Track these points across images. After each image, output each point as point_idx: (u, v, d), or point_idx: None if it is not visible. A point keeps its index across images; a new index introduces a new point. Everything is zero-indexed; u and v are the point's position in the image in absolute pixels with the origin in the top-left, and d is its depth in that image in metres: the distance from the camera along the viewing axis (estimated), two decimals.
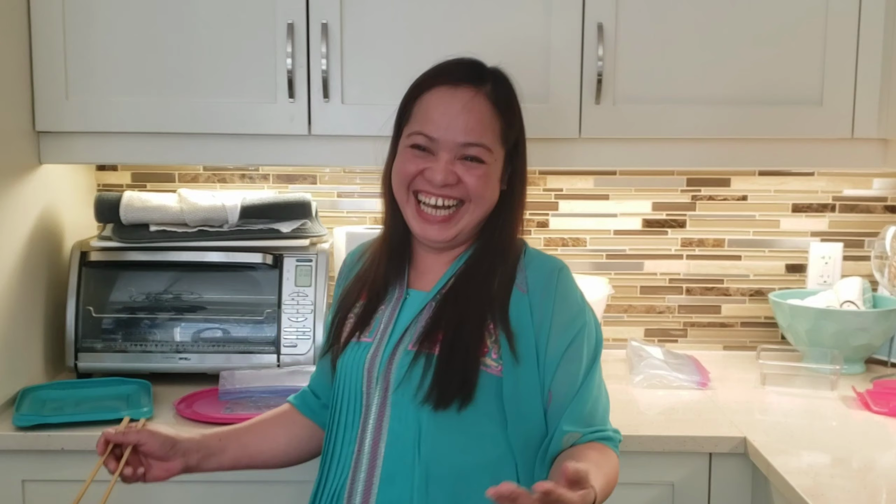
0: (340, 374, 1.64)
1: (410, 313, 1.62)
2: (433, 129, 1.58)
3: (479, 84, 1.61)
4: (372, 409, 1.58)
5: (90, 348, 2.37)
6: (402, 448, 1.55)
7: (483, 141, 1.58)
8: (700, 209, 2.72)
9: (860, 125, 2.27)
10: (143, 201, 2.41)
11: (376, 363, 1.59)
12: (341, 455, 1.61)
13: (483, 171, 1.59)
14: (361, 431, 1.58)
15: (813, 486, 1.73)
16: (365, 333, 1.64)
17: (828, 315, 2.43)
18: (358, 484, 1.56)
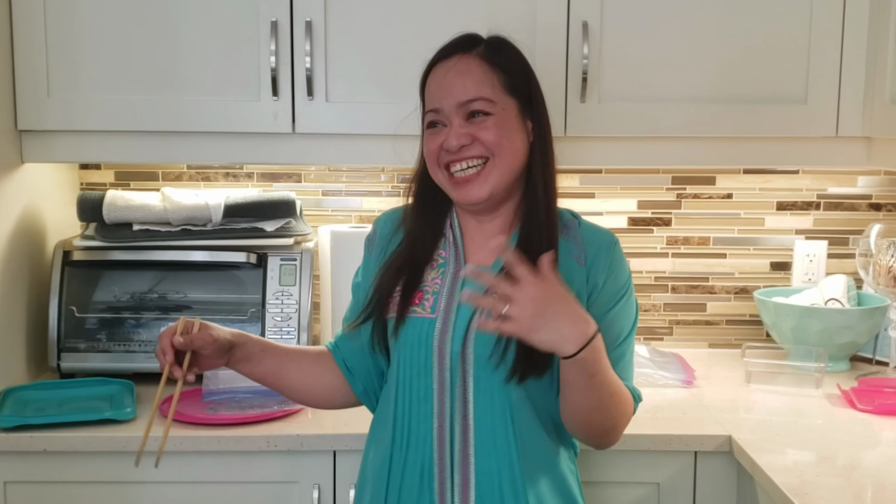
0: (403, 349, 1.65)
1: (474, 287, 1.61)
2: (436, 101, 1.65)
3: (468, 49, 1.67)
4: (449, 385, 1.61)
5: (73, 348, 2.36)
6: (493, 421, 1.60)
7: (481, 94, 1.62)
8: (685, 207, 2.73)
9: (844, 123, 2.27)
10: (126, 200, 2.40)
11: (447, 340, 1.61)
12: (420, 430, 1.62)
13: (492, 121, 1.62)
14: (440, 406, 1.61)
15: (798, 484, 1.74)
16: (422, 307, 1.65)
17: (812, 313, 2.44)
18: (451, 458, 1.60)
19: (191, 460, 2.03)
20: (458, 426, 1.60)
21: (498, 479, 1.59)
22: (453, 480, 1.60)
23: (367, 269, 1.77)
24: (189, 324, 1.64)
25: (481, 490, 1.59)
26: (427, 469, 1.61)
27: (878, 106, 2.20)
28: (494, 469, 1.59)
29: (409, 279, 1.67)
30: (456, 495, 1.59)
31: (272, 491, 2.06)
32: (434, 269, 1.68)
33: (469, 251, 1.70)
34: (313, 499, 2.04)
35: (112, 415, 2.07)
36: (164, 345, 1.61)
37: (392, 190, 2.70)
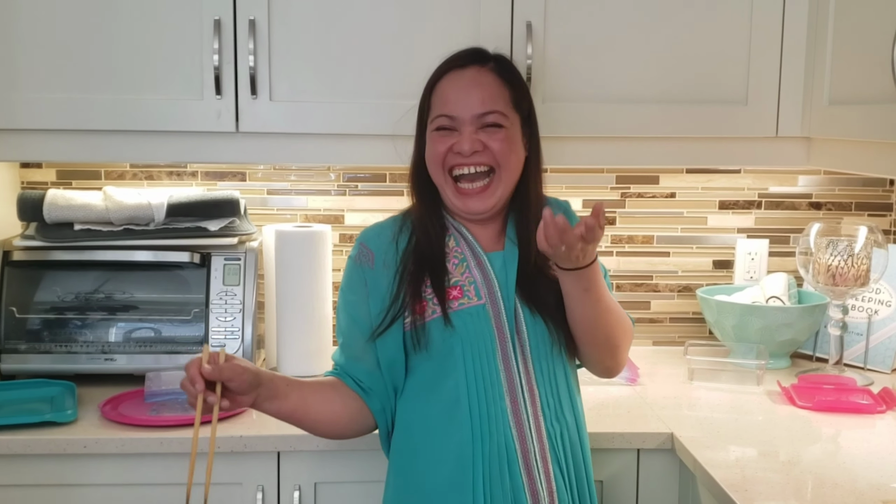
0: (465, 338, 1.73)
1: (504, 273, 1.79)
2: (452, 108, 1.76)
3: (483, 63, 1.80)
4: (513, 360, 1.74)
5: (14, 349, 2.33)
6: (551, 385, 1.76)
7: (497, 107, 1.76)
8: (629, 206, 2.75)
9: (784, 124, 2.30)
10: (67, 200, 2.37)
11: (503, 322, 1.75)
12: (496, 412, 1.71)
13: (504, 134, 1.76)
14: (509, 384, 1.73)
15: (739, 480, 1.76)
16: (467, 298, 1.76)
17: (753, 311, 2.47)
18: (528, 428, 1.72)
19: (133, 462, 2.02)
20: (528, 398, 1.74)
21: (561, 440, 1.75)
22: (534, 450, 1.71)
23: (374, 286, 1.79)
24: (214, 354, 1.60)
25: (554, 452, 1.74)
26: (510, 447, 1.71)
27: (816, 107, 2.23)
28: (558, 431, 1.75)
29: (437, 279, 1.77)
30: (539, 463, 1.72)
31: (215, 493, 2.01)
32: (458, 265, 1.79)
33: (483, 245, 1.82)
34: (257, 500, 2.03)
35: (53, 417, 2.04)
36: (193, 374, 1.56)
37: (339, 189, 2.70)
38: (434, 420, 1.75)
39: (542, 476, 1.71)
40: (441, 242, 1.81)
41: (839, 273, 2.35)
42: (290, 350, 2.38)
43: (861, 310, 2.56)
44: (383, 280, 1.78)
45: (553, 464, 1.72)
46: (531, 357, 1.75)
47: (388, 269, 1.79)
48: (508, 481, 1.69)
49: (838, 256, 2.35)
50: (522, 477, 1.70)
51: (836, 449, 1.98)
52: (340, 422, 1.79)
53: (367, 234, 1.86)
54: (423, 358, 1.75)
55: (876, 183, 2.77)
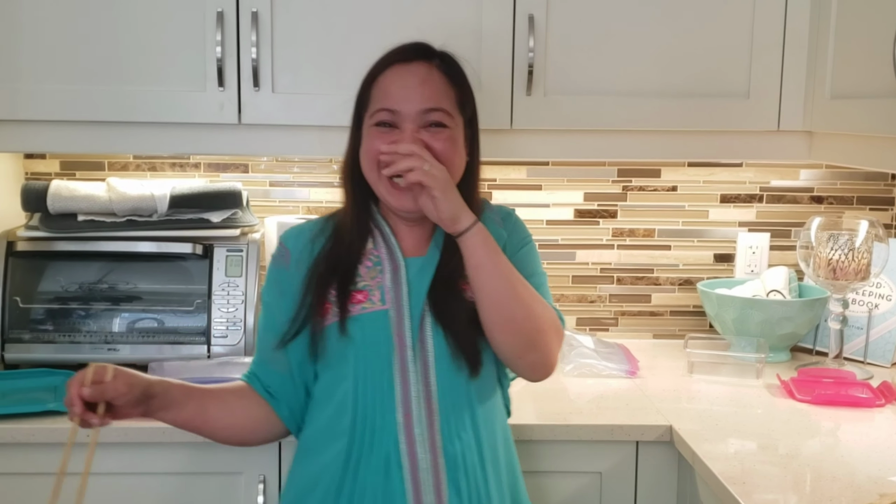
0: (360, 346, 1.66)
1: (419, 279, 1.69)
2: (394, 102, 1.66)
3: (429, 59, 1.71)
4: (412, 371, 1.65)
5: (17, 339, 2.34)
6: (455, 401, 1.66)
7: (443, 106, 1.67)
8: (631, 199, 2.75)
9: (786, 118, 2.30)
10: (71, 190, 2.38)
11: (405, 330, 1.66)
12: (384, 423, 1.64)
13: (447, 134, 1.67)
14: (404, 395, 1.64)
15: (737, 473, 1.77)
16: (371, 302, 1.68)
17: (754, 304, 2.48)
18: (420, 446, 1.63)
19: (136, 451, 2.03)
20: (424, 411, 1.64)
21: (462, 459, 1.65)
22: (425, 466, 1.62)
23: (287, 287, 1.74)
24: (101, 371, 1.56)
25: (452, 473, 1.63)
26: (394, 460, 1.62)
27: (818, 101, 2.24)
28: (458, 450, 1.64)
29: (343, 279, 1.69)
30: (428, 481, 1.62)
31: (218, 482, 2.06)
32: (370, 268, 1.71)
33: (403, 247, 1.73)
34: (258, 490, 2.04)
35: (56, 406, 2.05)
36: (72, 396, 1.52)
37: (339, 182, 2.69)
38: (321, 427, 1.70)
39: (431, 497, 1.61)
40: (359, 246, 1.73)
41: (840, 267, 2.35)
42: None
43: (861, 304, 2.56)
44: (296, 281, 1.72)
45: (449, 484, 1.63)
46: (434, 370, 1.65)
47: (300, 270, 1.73)
48: (384, 499, 1.62)
49: (839, 250, 2.35)
50: (409, 496, 1.61)
51: (834, 442, 1.99)
52: (242, 430, 1.75)
53: (287, 233, 1.81)
54: (324, 365, 1.70)
55: (877, 177, 2.77)
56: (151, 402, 1.62)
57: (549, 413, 2.12)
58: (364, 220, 1.75)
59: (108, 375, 1.55)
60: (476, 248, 1.60)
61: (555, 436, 2.05)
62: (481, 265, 1.61)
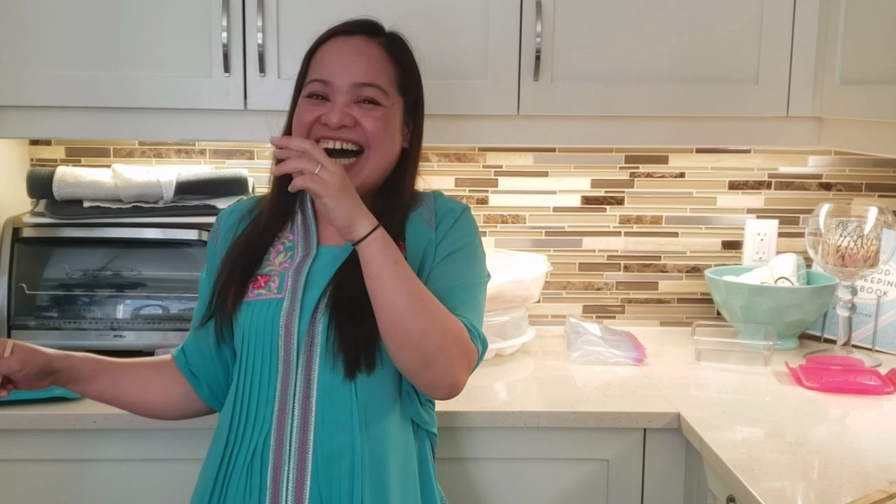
0: (248, 333, 1.61)
1: (325, 271, 1.61)
2: (327, 73, 1.60)
3: (372, 34, 1.65)
4: (294, 366, 1.58)
5: (23, 326, 2.34)
6: (335, 403, 1.57)
7: (378, 82, 1.60)
8: (638, 186, 2.74)
9: (795, 104, 2.29)
10: (77, 177, 2.37)
11: (294, 319, 1.58)
12: (257, 415, 1.60)
13: (381, 113, 1.60)
14: (283, 388, 1.58)
15: (745, 460, 1.76)
16: (268, 289, 1.62)
17: (762, 291, 2.47)
18: (289, 440, 1.57)
19: (142, 437, 2.03)
20: (299, 409, 1.58)
21: (336, 464, 1.57)
22: (289, 465, 1.57)
23: (211, 263, 1.73)
24: (0, 346, 1.57)
25: (317, 477, 1.56)
26: (261, 453, 1.58)
27: (828, 87, 2.22)
28: (328, 451, 1.57)
29: (248, 263, 1.65)
30: (290, 481, 1.56)
31: None
32: (281, 253, 1.66)
33: (322, 234, 1.67)
34: None
35: (62, 393, 2.03)
36: None
37: None
38: (223, 413, 1.68)
39: (290, 490, 1.56)
40: (273, 229, 1.67)
41: (848, 254, 2.34)
42: None
43: (870, 291, 2.55)
44: (218, 258, 1.71)
45: (311, 489, 1.56)
46: (317, 367, 1.58)
47: (224, 248, 1.70)
48: (246, 495, 1.58)
49: (848, 237, 2.34)
50: (267, 493, 1.56)
51: (843, 430, 1.98)
52: (157, 403, 1.74)
53: (224, 212, 1.79)
54: (228, 346, 1.68)
55: (887, 164, 2.75)
56: (57, 377, 1.62)
57: (556, 400, 2.12)
58: (283, 201, 1.68)
59: (7, 351, 1.56)
60: (373, 258, 1.47)
61: (562, 423, 2.05)
62: (377, 276, 1.47)
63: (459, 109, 2.23)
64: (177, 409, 1.76)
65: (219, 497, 1.61)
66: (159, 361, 1.77)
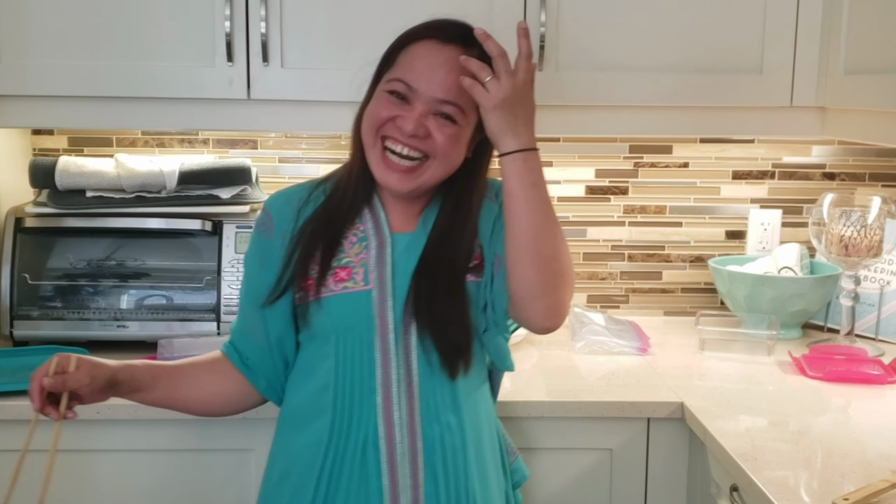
0: (341, 325, 1.63)
1: (404, 258, 1.65)
2: (414, 77, 1.59)
3: (467, 46, 1.60)
4: (394, 355, 1.62)
5: (26, 316, 2.34)
6: (435, 385, 1.63)
7: (460, 102, 1.59)
8: (642, 176, 2.74)
9: (799, 93, 2.28)
10: (79, 167, 2.37)
11: (388, 309, 1.62)
12: (361, 406, 1.62)
13: (454, 131, 1.60)
14: (384, 377, 1.62)
15: (749, 450, 1.77)
16: (353, 282, 1.63)
17: (765, 281, 2.47)
18: (398, 427, 1.61)
19: (147, 428, 2.04)
20: (404, 395, 1.62)
21: (441, 443, 1.62)
22: (402, 451, 1.60)
23: (268, 256, 1.70)
24: (65, 361, 1.56)
25: (429, 457, 1.61)
26: (372, 442, 1.61)
27: (832, 76, 2.22)
28: (437, 434, 1.62)
29: (326, 256, 1.65)
30: (406, 465, 1.60)
31: (228, 459, 2.06)
32: (355, 244, 1.66)
33: (391, 223, 1.68)
34: None
35: None
36: (33, 389, 1.54)
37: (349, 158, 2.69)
38: (304, 402, 1.68)
39: (408, 480, 1.60)
40: (347, 216, 1.67)
41: (852, 244, 2.34)
42: None
43: (873, 280, 2.55)
44: (277, 251, 1.68)
45: (426, 469, 1.61)
46: (416, 353, 1.62)
47: (283, 239, 1.68)
48: (362, 483, 1.60)
49: (851, 227, 2.34)
50: (384, 479, 1.60)
51: (846, 419, 1.98)
52: (214, 405, 1.75)
53: (271, 200, 1.75)
54: (307, 336, 1.67)
55: (890, 153, 2.75)
56: (118, 388, 1.62)
57: (560, 390, 2.12)
58: (363, 183, 1.68)
59: (72, 366, 1.55)
60: (509, 176, 1.53)
61: (565, 412, 2.05)
62: (512, 194, 1.52)
63: None
64: (233, 405, 1.76)
65: (326, 489, 1.63)
66: (212, 360, 1.76)
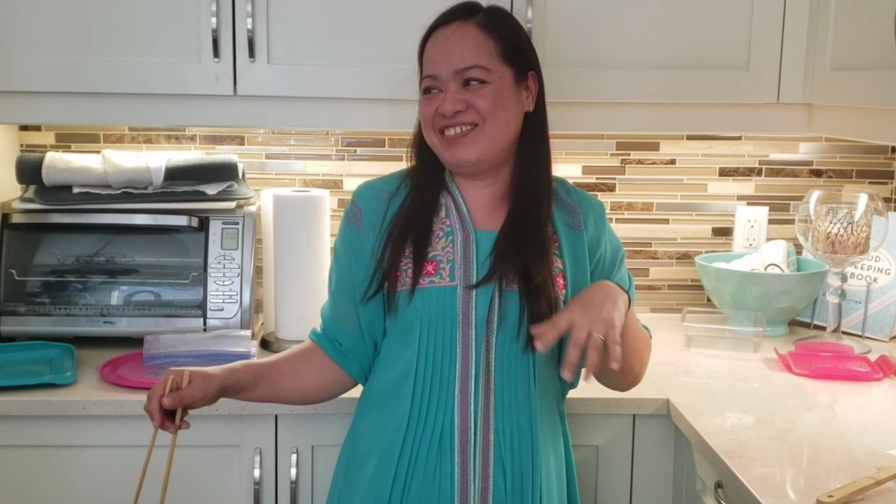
0: (425, 318, 1.69)
1: (486, 254, 1.70)
2: (433, 67, 1.70)
3: (466, 17, 1.71)
4: (474, 350, 1.68)
5: (13, 312, 2.35)
6: (512, 382, 1.70)
7: (478, 62, 1.67)
8: (629, 173, 2.75)
9: (785, 90, 2.30)
10: (66, 162, 2.37)
11: (471, 306, 1.68)
12: (442, 396, 1.68)
13: (488, 90, 1.67)
14: (463, 371, 1.68)
15: (735, 446, 1.77)
16: (440, 277, 1.70)
17: (752, 278, 2.48)
18: (472, 419, 1.67)
19: (132, 424, 2.03)
20: (481, 389, 1.68)
21: (511, 437, 1.69)
22: (475, 442, 1.67)
23: (358, 247, 1.76)
24: (178, 377, 1.64)
25: (500, 450, 1.68)
26: (448, 433, 1.67)
27: (818, 73, 2.23)
28: (508, 429, 1.68)
29: (417, 250, 1.71)
30: (477, 457, 1.67)
31: (215, 455, 2.07)
32: (442, 238, 1.73)
33: (474, 218, 1.74)
34: (255, 462, 2.06)
35: (52, 379, 2.06)
36: (153, 407, 1.62)
37: (338, 153, 2.70)
38: (386, 386, 1.74)
39: (478, 471, 1.67)
40: (432, 211, 1.75)
41: (838, 241, 2.35)
42: (288, 314, 2.39)
43: (860, 278, 2.56)
44: (368, 242, 1.74)
45: (495, 462, 1.68)
46: (495, 349, 1.69)
47: (373, 231, 1.75)
48: (436, 469, 1.67)
49: (838, 224, 2.35)
50: (456, 468, 1.67)
51: (832, 416, 1.99)
52: (312, 394, 1.83)
53: (360, 191, 1.81)
54: (393, 323, 1.73)
55: (877, 150, 2.76)
56: (224, 393, 1.71)
57: None
58: (434, 184, 1.76)
59: (185, 381, 1.64)
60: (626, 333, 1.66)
61: None
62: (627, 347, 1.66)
63: None
64: (329, 391, 1.83)
65: (406, 471, 1.68)
66: (305, 350, 1.82)
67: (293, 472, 2.07)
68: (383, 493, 1.68)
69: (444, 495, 1.66)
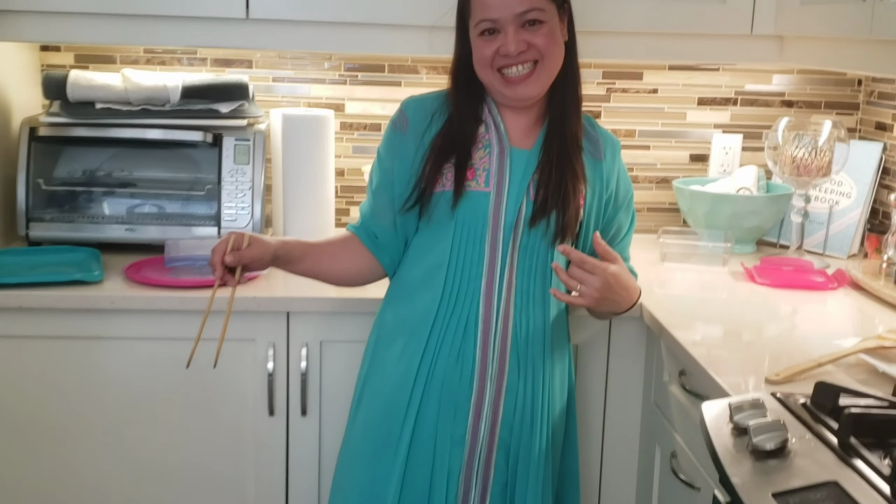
0: (460, 219, 1.89)
1: (519, 170, 1.90)
2: (492, 11, 1.83)
3: None
4: (501, 249, 1.89)
5: (39, 219, 2.50)
6: (531, 280, 1.91)
7: (535, 4, 1.83)
8: (614, 101, 2.90)
9: (759, 22, 2.43)
10: (89, 80, 2.51)
11: (501, 211, 1.88)
12: (469, 289, 1.89)
13: (546, 28, 1.84)
14: (490, 267, 1.89)
15: (699, 339, 1.98)
16: (476, 182, 1.89)
17: (723, 199, 2.65)
18: (495, 313, 1.88)
19: (155, 318, 2.20)
20: (505, 284, 1.89)
21: (527, 330, 1.90)
22: (496, 330, 1.87)
23: (401, 151, 1.95)
24: (239, 239, 1.84)
25: (517, 339, 1.89)
26: (472, 321, 1.88)
27: (789, 5, 2.36)
28: (525, 322, 1.90)
29: (459, 157, 1.90)
30: (497, 343, 1.88)
31: (230, 348, 2.15)
32: (481, 150, 1.92)
33: (511, 135, 1.93)
34: (268, 356, 2.23)
35: (82, 276, 2.22)
36: (216, 261, 1.82)
37: (339, 78, 2.84)
38: (418, 277, 1.94)
39: (496, 354, 1.87)
40: (473, 128, 1.92)
41: (803, 164, 2.51)
42: (296, 228, 2.54)
43: (823, 200, 2.74)
44: (410, 148, 1.93)
45: (511, 349, 1.88)
46: (519, 250, 1.89)
47: (416, 139, 1.93)
48: (460, 352, 1.87)
49: (803, 148, 2.51)
50: (477, 352, 1.87)
51: (790, 318, 2.18)
52: (347, 276, 2.03)
53: (408, 102, 1.99)
54: (426, 222, 1.93)
55: (845, 83, 2.92)
56: (277, 261, 1.92)
57: None
58: (475, 107, 1.93)
59: (245, 243, 1.85)
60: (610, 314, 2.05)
61: None
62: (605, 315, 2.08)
63: None
64: (362, 276, 2.03)
65: (432, 357, 1.89)
66: (345, 239, 2.02)
67: (303, 365, 2.23)
68: (411, 368, 1.89)
69: (465, 375, 1.87)
